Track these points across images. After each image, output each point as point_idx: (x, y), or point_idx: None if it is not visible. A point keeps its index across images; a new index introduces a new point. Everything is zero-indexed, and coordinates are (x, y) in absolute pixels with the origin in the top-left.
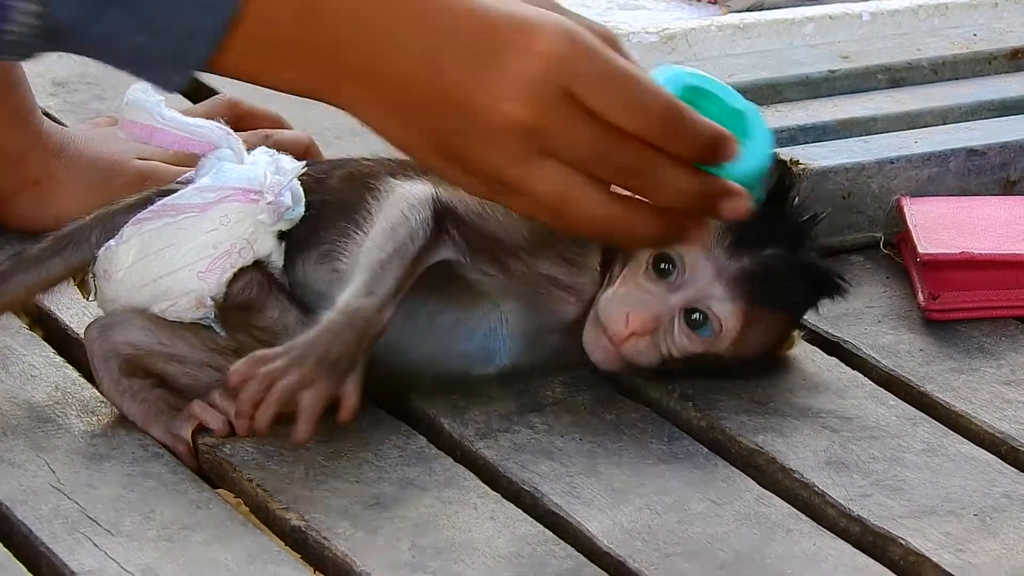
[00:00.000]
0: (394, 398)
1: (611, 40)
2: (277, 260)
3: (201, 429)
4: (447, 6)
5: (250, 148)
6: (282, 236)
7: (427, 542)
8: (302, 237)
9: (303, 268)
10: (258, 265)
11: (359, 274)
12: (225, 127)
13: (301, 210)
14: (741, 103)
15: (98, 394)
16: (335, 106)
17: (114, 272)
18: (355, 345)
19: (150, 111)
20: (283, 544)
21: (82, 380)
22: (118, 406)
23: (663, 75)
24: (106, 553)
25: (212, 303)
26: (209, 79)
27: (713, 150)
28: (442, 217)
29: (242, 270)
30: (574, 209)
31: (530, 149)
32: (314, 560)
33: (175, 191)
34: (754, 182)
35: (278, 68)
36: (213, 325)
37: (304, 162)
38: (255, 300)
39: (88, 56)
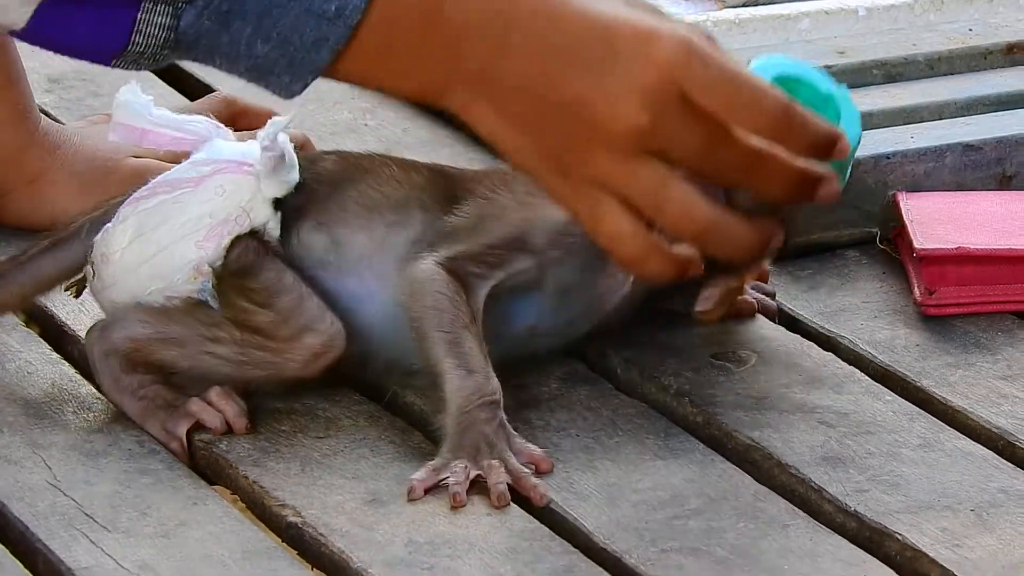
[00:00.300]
0: (390, 394)
1: (712, 40)
2: (273, 229)
3: (198, 426)
4: (566, 13)
5: None
6: (277, 207)
7: (424, 538)
8: (295, 210)
9: (297, 237)
10: (254, 234)
11: (445, 365)
12: (215, 122)
13: (296, 176)
14: (832, 88)
15: (94, 390)
16: (445, 109)
17: (112, 253)
18: (492, 421)
19: (140, 112)
20: (279, 540)
21: (78, 377)
22: (118, 404)
23: (755, 65)
24: (102, 549)
25: (210, 270)
26: (205, 75)
27: (827, 148)
28: (459, 266)
29: (238, 237)
30: (674, 206)
31: (641, 148)
32: (311, 556)
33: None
34: (847, 164)
35: (394, 74)
36: (208, 299)
37: (293, 113)
38: (252, 264)
39: (210, 65)
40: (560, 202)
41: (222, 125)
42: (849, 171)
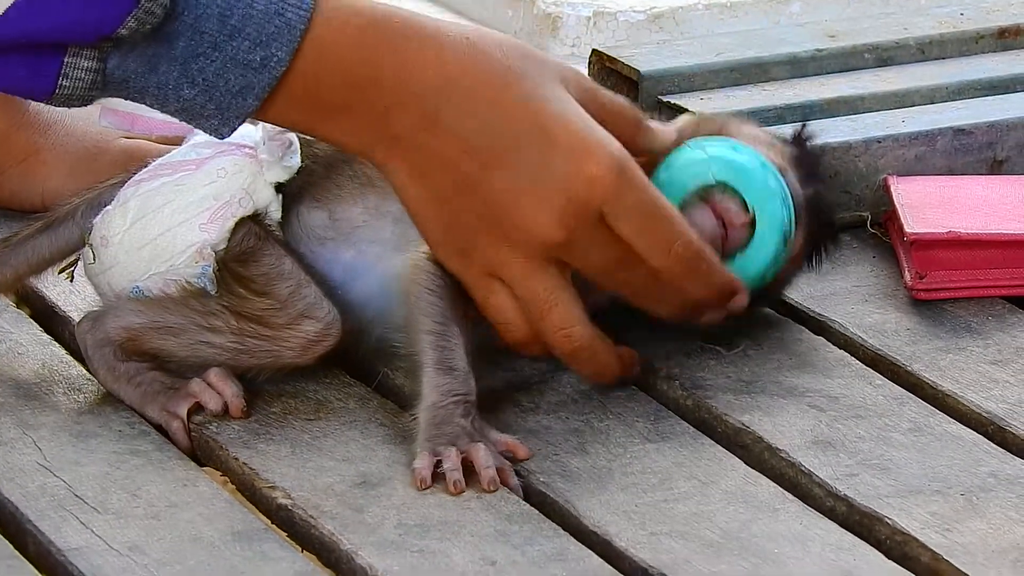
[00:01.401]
0: (380, 376)
1: (637, 123)
2: (275, 212)
3: (193, 408)
4: (505, 100)
5: None
6: (279, 189)
7: (413, 521)
8: (293, 192)
9: (297, 219)
10: (255, 217)
11: (427, 355)
12: None
13: (298, 160)
14: (764, 192)
15: (85, 372)
16: (372, 165)
17: (112, 235)
18: (467, 417)
19: None
20: (270, 522)
21: (68, 358)
22: (115, 392)
23: (690, 155)
24: (92, 531)
25: (212, 254)
26: None
27: (724, 298)
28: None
29: (241, 220)
30: (556, 320)
31: (545, 256)
32: (300, 538)
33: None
34: (759, 275)
35: (321, 125)
36: (207, 283)
37: None
38: (253, 249)
39: (142, 103)
40: (450, 267)
41: None
42: (772, 275)
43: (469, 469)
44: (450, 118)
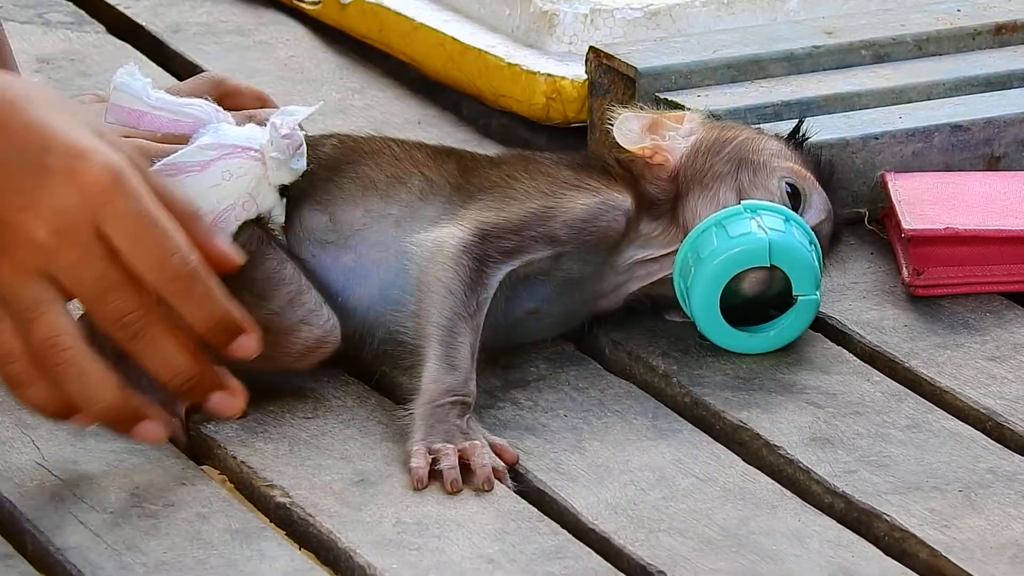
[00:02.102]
0: (379, 374)
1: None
2: (279, 215)
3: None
4: (13, 122)
5: None
6: (283, 193)
7: (412, 518)
8: (295, 195)
9: (299, 221)
10: (258, 220)
11: (432, 349)
12: (214, 104)
13: (304, 164)
14: (811, 280)
15: None
16: None
17: None
18: (462, 416)
19: (138, 95)
20: (268, 521)
21: None
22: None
23: (746, 227)
24: (91, 529)
25: None
26: (196, 57)
27: (222, 333)
28: (480, 247)
29: (244, 224)
30: (40, 332)
31: (37, 268)
32: (299, 536)
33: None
34: (785, 343)
35: None
36: None
37: (318, 105)
38: (255, 254)
39: None
40: None
41: (221, 108)
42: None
43: (465, 468)
44: None
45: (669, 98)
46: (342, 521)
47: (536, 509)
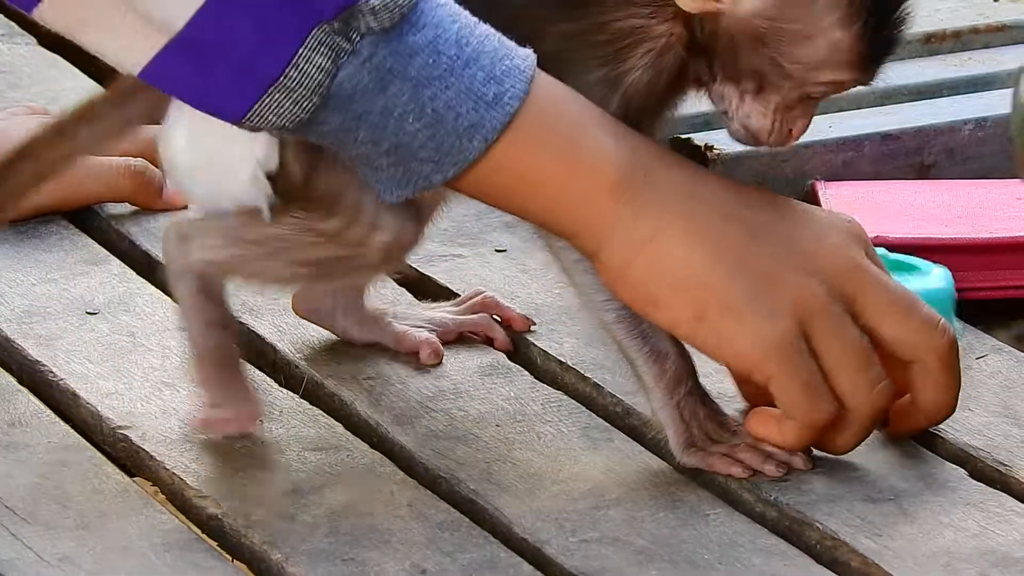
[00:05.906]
0: (309, 384)
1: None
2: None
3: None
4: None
5: None
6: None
7: (345, 529)
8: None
9: None
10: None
11: (632, 352)
12: None
13: None
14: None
15: (14, 381)
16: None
17: (172, 157)
18: (705, 406)
19: None
20: (200, 532)
21: None
22: (185, 321)
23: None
24: (23, 542)
25: (265, 180)
26: None
27: (944, 414)
28: None
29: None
30: (875, 369)
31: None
32: (231, 548)
33: None
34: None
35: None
36: (265, 209)
37: None
38: (308, 167)
39: (348, 143)
40: (760, 338)
41: None
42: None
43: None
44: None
45: None
46: (275, 532)
47: (468, 519)
